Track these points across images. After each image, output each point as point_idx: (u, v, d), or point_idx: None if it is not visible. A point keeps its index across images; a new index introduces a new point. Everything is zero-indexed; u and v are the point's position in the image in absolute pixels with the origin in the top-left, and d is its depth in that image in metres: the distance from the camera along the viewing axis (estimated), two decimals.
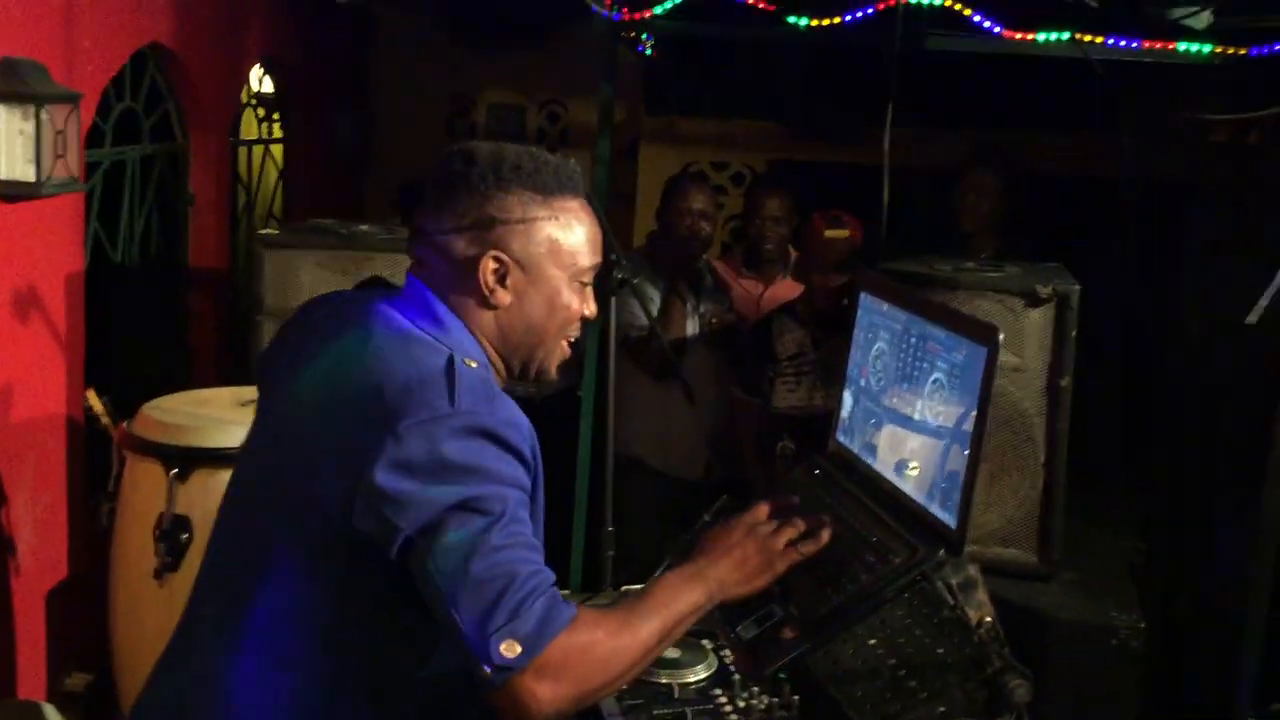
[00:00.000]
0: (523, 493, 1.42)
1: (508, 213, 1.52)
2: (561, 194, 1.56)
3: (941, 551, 1.66)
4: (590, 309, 1.63)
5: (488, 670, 1.31)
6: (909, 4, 3.15)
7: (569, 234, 1.56)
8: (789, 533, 1.66)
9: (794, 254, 3.96)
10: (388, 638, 1.46)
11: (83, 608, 3.41)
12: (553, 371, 1.64)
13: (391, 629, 1.46)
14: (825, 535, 1.68)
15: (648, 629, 1.45)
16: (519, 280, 1.55)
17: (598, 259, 1.61)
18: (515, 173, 1.53)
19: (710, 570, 1.58)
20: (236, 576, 1.53)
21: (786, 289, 3.91)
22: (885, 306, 1.97)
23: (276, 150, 5.27)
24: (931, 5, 3.15)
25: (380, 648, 1.46)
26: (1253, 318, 2.17)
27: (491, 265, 1.53)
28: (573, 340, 1.64)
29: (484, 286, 1.54)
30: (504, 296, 1.55)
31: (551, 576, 1.39)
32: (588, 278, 1.60)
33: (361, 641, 1.46)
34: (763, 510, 1.70)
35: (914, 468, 1.82)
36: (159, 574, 2.74)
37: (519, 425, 1.44)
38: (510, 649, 1.31)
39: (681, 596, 1.52)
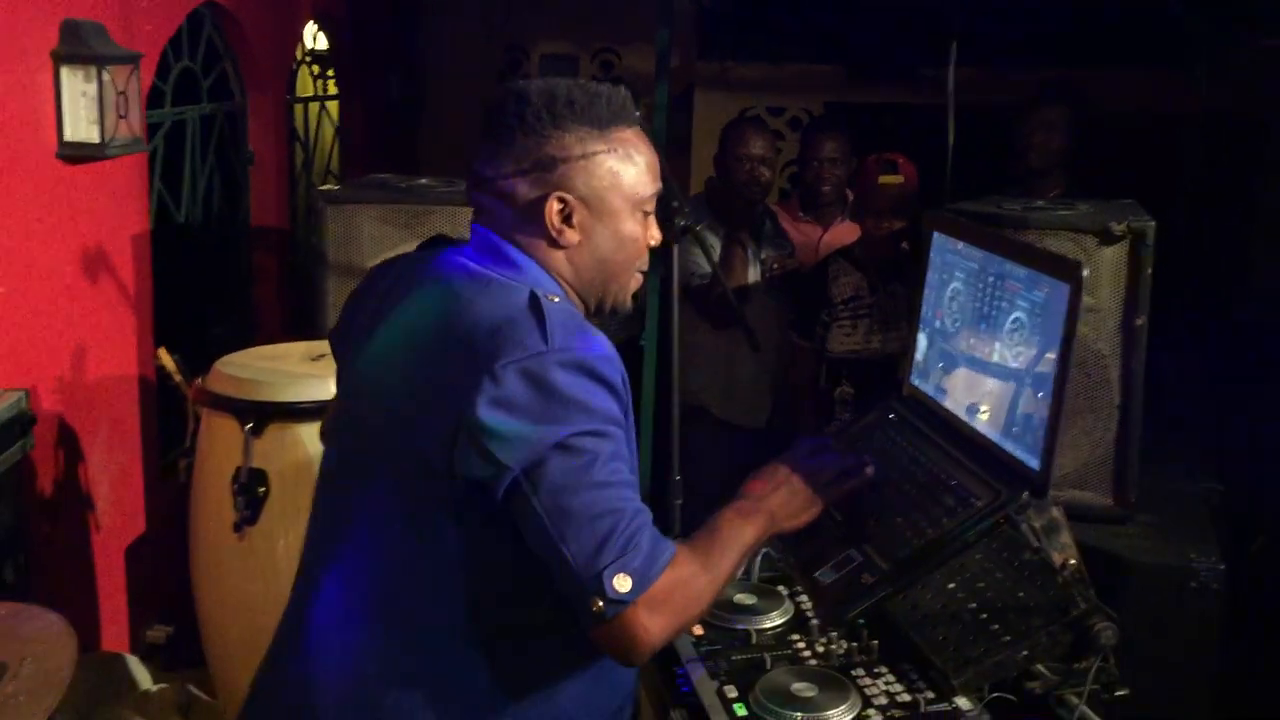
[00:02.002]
0: (619, 428, 1.43)
1: (567, 151, 1.51)
2: (616, 125, 1.54)
3: (1025, 494, 1.64)
4: (655, 236, 1.62)
5: (600, 604, 1.33)
6: None
7: (628, 165, 1.55)
8: (832, 467, 1.71)
9: (851, 196, 3.90)
10: (485, 588, 1.46)
11: (161, 562, 3.49)
12: (628, 303, 1.63)
13: (489, 579, 1.46)
14: (869, 471, 1.74)
15: (726, 563, 1.50)
16: (585, 218, 1.54)
17: (658, 186, 1.60)
18: (569, 109, 1.51)
19: (763, 504, 1.61)
20: (337, 540, 1.54)
21: (845, 232, 3.86)
22: (960, 246, 1.93)
23: (332, 107, 5.28)
24: None
25: (478, 599, 1.46)
26: None
27: (556, 206, 1.52)
28: (644, 270, 1.63)
29: (551, 227, 1.53)
30: (572, 235, 1.54)
31: (649, 514, 1.40)
32: (650, 206, 1.59)
33: (459, 592, 1.46)
34: (803, 447, 1.73)
35: (985, 410, 1.79)
36: (238, 527, 2.80)
37: (611, 357, 1.45)
38: (622, 582, 1.33)
39: (746, 530, 1.55)
